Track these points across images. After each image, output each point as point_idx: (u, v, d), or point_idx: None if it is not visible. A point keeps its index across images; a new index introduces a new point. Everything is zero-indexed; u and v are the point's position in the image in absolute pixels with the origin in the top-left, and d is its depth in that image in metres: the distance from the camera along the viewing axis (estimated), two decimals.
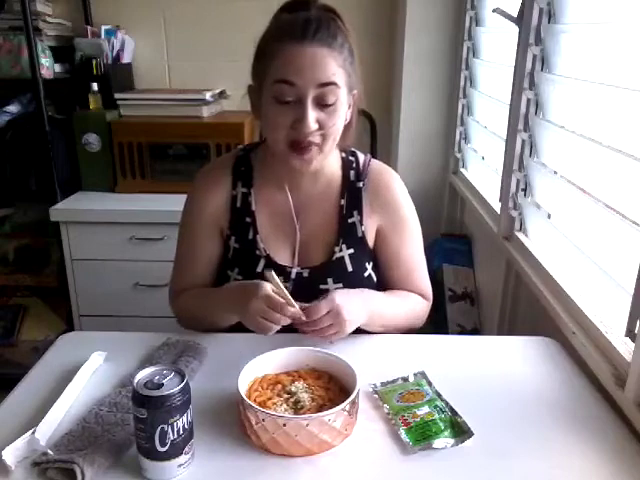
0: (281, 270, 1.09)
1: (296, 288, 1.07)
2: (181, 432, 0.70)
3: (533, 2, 1.28)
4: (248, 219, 1.11)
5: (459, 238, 2.04)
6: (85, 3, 2.19)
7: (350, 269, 1.10)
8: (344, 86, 0.99)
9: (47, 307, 2.24)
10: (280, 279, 0.95)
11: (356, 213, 1.12)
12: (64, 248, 1.97)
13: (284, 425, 0.73)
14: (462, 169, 2.04)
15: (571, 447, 0.78)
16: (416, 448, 0.76)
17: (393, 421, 0.81)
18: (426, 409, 0.82)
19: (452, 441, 0.77)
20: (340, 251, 1.10)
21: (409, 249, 1.15)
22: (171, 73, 2.32)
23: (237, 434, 0.79)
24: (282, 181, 1.11)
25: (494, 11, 1.45)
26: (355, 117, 1.08)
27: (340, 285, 1.08)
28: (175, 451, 0.71)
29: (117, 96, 2.08)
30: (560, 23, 1.23)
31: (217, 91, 2.20)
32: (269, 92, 0.98)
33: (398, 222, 1.14)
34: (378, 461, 0.75)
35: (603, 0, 1.07)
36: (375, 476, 0.73)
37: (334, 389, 0.84)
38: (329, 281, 1.09)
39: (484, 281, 1.82)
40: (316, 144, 0.99)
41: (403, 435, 0.78)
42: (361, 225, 1.11)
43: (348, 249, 1.10)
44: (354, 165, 1.14)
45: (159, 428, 0.69)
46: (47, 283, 2.15)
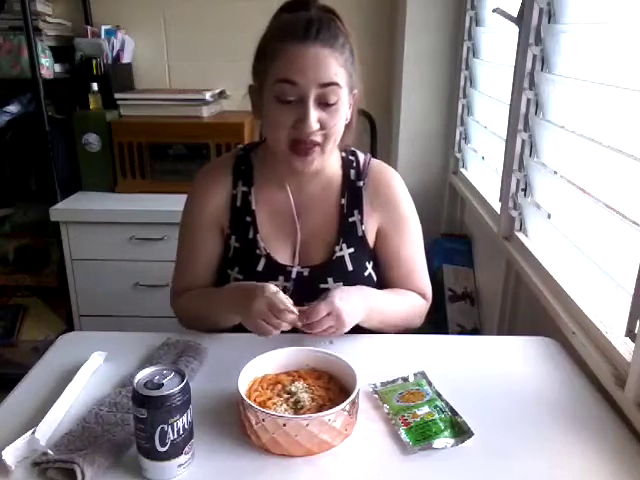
0: (281, 269, 1.09)
1: (296, 287, 1.08)
2: (181, 432, 0.70)
3: (533, 2, 1.28)
4: (248, 218, 1.11)
5: (459, 238, 2.04)
6: (85, 3, 2.19)
7: (350, 268, 1.10)
8: (345, 86, 0.99)
9: (47, 307, 2.24)
10: (280, 279, 0.95)
11: (356, 212, 1.12)
12: (64, 248, 1.97)
13: (284, 425, 0.73)
14: (462, 169, 2.04)
15: (571, 447, 0.78)
16: (416, 448, 0.76)
17: (393, 421, 0.81)
18: (426, 409, 0.82)
19: (452, 441, 0.77)
20: (340, 250, 1.10)
21: (409, 249, 1.15)
22: (171, 73, 2.32)
23: (237, 434, 0.79)
24: (283, 180, 1.11)
25: (494, 11, 1.45)
26: (355, 117, 1.08)
27: (340, 284, 1.08)
28: (175, 451, 0.71)
29: (117, 96, 2.08)
30: (560, 23, 1.23)
31: (217, 91, 2.20)
32: (270, 92, 0.98)
33: (398, 221, 1.14)
34: (378, 461, 0.75)
35: (603, 0, 1.07)
36: (375, 476, 0.73)
37: (334, 389, 0.84)
38: (329, 280, 1.09)
39: (484, 281, 1.82)
40: (318, 144, 1.00)
41: (403, 435, 0.78)
42: (361, 224, 1.11)
43: (348, 248, 1.10)
44: (354, 164, 1.14)
45: (159, 428, 0.69)
46: (47, 283, 2.15)
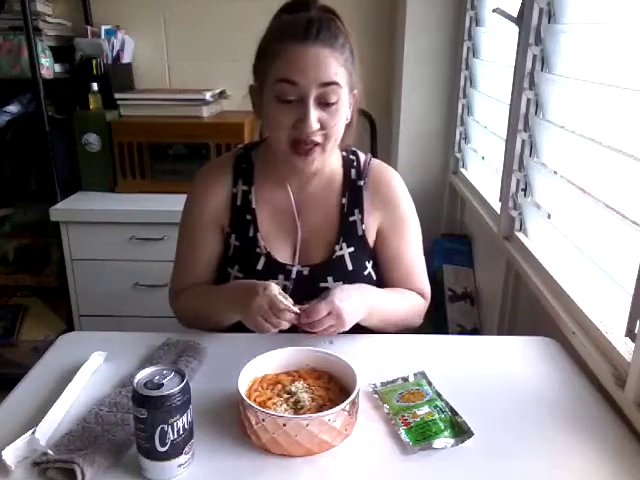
0: (281, 268, 1.09)
1: (296, 286, 1.08)
2: (181, 432, 0.70)
3: (533, 2, 1.28)
4: (248, 217, 1.11)
5: (459, 238, 2.03)
6: (85, 3, 2.19)
7: (350, 267, 1.10)
8: (345, 86, 0.99)
9: (47, 307, 2.24)
10: (280, 278, 0.95)
11: (357, 212, 1.12)
12: (64, 248, 1.97)
13: (284, 425, 0.73)
14: (462, 169, 2.04)
15: (571, 447, 0.78)
16: (416, 448, 0.76)
17: (393, 421, 0.81)
18: (426, 409, 0.82)
19: (452, 441, 0.77)
20: (340, 249, 1.10)
21: (409, 249, 1.15)
22: (171, 73, 2.32)
23: (237, 434, 0.79)
24: (283, 179, 1.11)
25: (494, 11, 1.45)
26: (355, 117, 1.08)
27: (340, 284, 1.08)
28: (175, 451, 0.71)
29: (117, 96, 2.08)
30: (560, 23, 1.23)
31: (217, 91, 2.20)
32: (271, 92, 0.98)
33: (398, 220, 1.14)
34: (378, 461, 0.75)
35: (603, 0, 1.07)
36: (375, 476, 0.73)
37: (334, 389, 0.84)
38: (329, 279, 1.09)
39: (484, 281, 1.82)
40: (318, 144, 1.00)
41: (403, 435, 0.78)
42: (362, 224, 1.11)
43: (348, 247, 1.10)
44: (355, 164, 1.15)
45: (159, 428, 0.69)
46: (47, 283, 2.15)
